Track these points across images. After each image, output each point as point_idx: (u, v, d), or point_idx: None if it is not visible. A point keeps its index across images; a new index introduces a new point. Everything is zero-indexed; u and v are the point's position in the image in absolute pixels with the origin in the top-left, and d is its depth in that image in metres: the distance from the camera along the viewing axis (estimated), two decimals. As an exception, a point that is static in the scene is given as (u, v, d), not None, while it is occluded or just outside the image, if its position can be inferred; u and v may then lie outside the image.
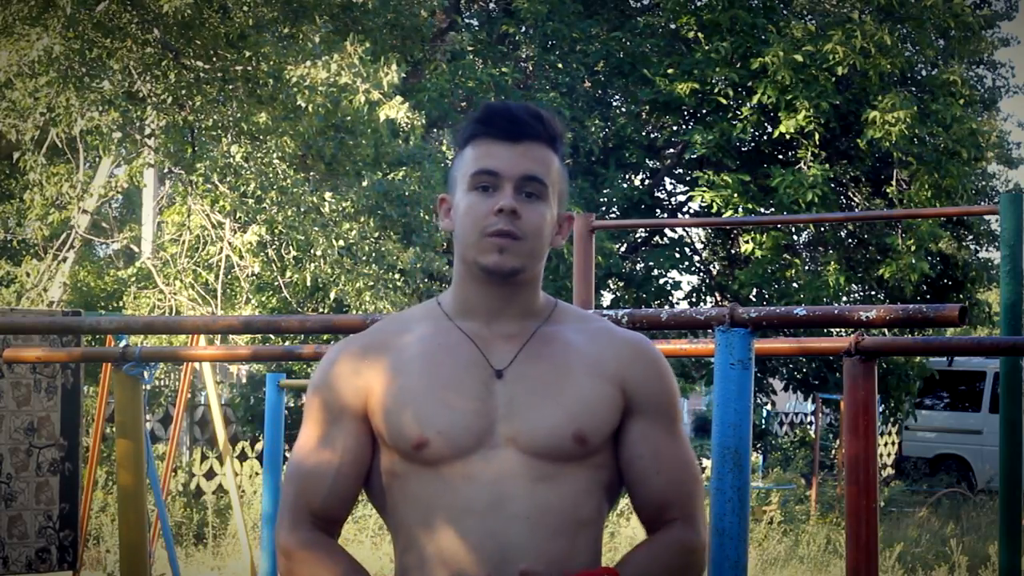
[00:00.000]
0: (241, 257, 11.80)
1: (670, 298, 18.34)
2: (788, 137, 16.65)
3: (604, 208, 17.51)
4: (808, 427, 22.48)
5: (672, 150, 18.89)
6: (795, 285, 17.23)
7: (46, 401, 6.72)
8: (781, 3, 17.78)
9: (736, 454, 2.88)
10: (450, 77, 15.78)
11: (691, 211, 19.09)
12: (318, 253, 11.46)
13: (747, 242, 16.98)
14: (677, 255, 18.50)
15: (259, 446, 12.18)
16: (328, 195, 11.68)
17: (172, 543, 7.48)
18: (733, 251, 18.77)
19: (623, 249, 18.20)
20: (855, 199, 18.55)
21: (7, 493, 6.57)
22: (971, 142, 16.85)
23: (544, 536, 2.16)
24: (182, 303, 11.72)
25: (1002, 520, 4.94)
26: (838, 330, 13.10)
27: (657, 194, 19.45)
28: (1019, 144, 52.94)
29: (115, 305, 12.80)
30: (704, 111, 17.62)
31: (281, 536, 2.25)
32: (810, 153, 16.63)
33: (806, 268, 17.86)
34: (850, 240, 18.58)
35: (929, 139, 16.96)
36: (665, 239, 18.81)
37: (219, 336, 9.63)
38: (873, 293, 18.15)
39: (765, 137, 17.83)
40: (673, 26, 17.70)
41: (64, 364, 6.63)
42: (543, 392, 2.21)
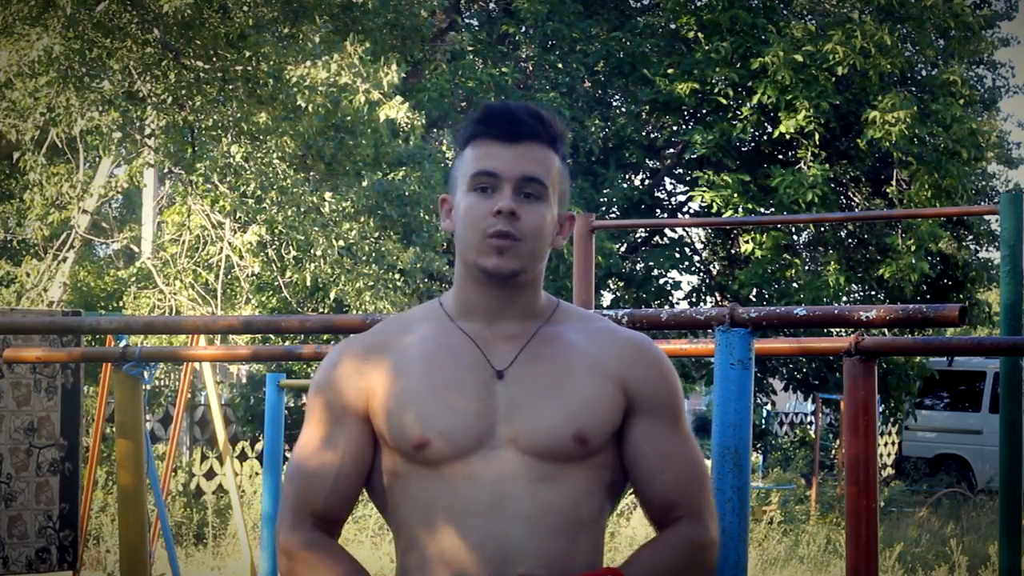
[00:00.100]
0: (241, 257, 11.80)
1: (670, 298, 18.33)
2: (788, 137, 16.65)
3: (604, 208, 17.50)
4: (808, 427, 22.47)
5: (672, 150, 18.88)
6: (795, 285, 17.23)
7: (46, 401, 6.72)
8: (781, 3, 17.78)
9: (736, 454, 2.88)
10: (450, 77, 15.78)
11: (691, 211, 19.09)
12: (318, 253, 11.46)
13: (747, 242, 16.98)
14: (677, 255, 18.50)
15: (259, 446, 12.18)
16: (328, 195, 11.68)
17: (172, 543, 7.48)
18: (733, 251, 18.77)
19: (623, 249, 18.20)
20: (855, 199, 18.55)
21: (7, 493, 6.57)
22: (971, 142, 16.85)
23: (545, 536, 2.16)
24: (182, 303, 11.72)
25: (1002, 520, 4.94)
26: (838, 330, 13.10)
27: (657, 194, 19.45)
28: (1019, 144, 52.94)
29: (115, 305, 12.79)
30: (704, 111, 17.62)
31: (282, 536, 2.25)
32: (810, 153, 16.63)
33: (806, 268, 17.86)
34: (850, 240, 18.58)
35: (929, 139, 16.95)
36: (665, 239, 18.81)
37: (219, 336, 9.63)
38: (873, 293, 18.15)
39: (765, 137, 17.83)
40: (673, 26, 17.70)
41: (64, 364, 6.63)
42: (543, 392, 2.20)
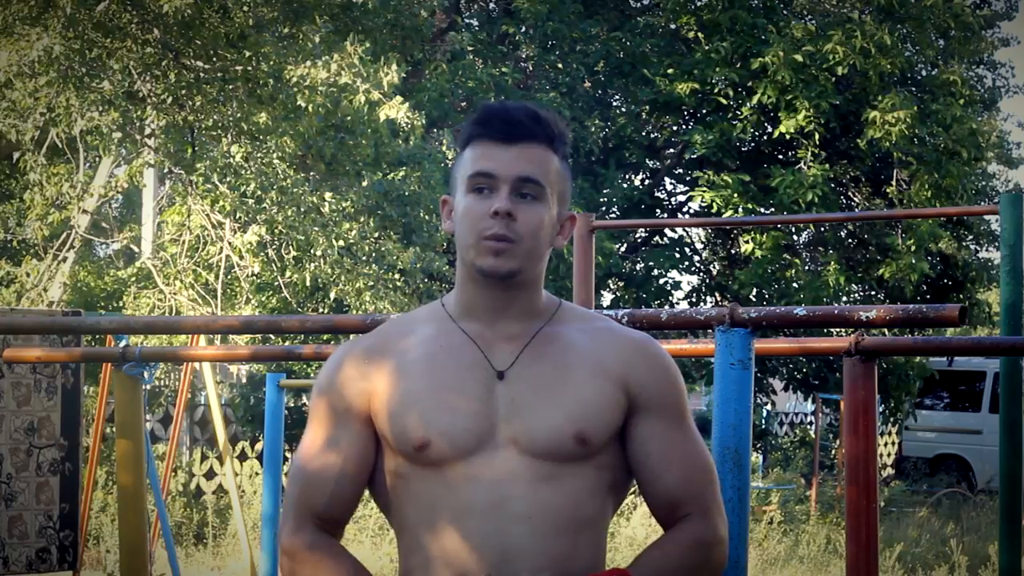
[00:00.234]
0: (241, 257, 11.80)
1: (670, 298, 18.33)
2: (788, 137, 16.64)
3: (604, 208, 17.50)
4: (808, 427, 22.47)
5: (672, 150, 18.88)
6: (795, 285, 17.22)
7: (46, 401, 6.72)
8: (781, 3, 17.78)
9: (736, 454, 2.88)
10: (450, 77, 15.78)
11: (691, 211, 19.09)
12: (318, 253, 11.46)
13: (747, 242, 16.98)
14: (677, 255, 18.50)
15: (259, 446, 12.18)
16: (328, 195, 11.69)
17: (172, 543, 7.48)
18: (733, 251, 18.77)
19: (623, 249, 18.20)
20: (855, 199, 18.55)
21: (7, 493, 6.57)
22: (971, 142, 16.85)
23: (546, 536, 2.16)
24: (182, 303, 11.71)
25: (1002, 520, 4.94)
26: (838, 330, 13.09)
27: (657, 194, 19.44)
28: (1019, 144, 52.95)
29: (115, 305, 12.79)
30: (704, 111, 17.61)
31: (285, 537, 2.25)
32: (810, 153, 16.62)
33: (806, 268, 17.86)
34: (850, 240, 18.57)
35: (929, 139, 16.95)
36: (665, 239, 18.81)
37: (219, 336, 9.63)
38: (873, 293, 18.15)
39: (765, 137, 17.82)
40: (673, 26, 17.70)
41: (64, 364, 6.62)
42: (544, 393, 2.20)
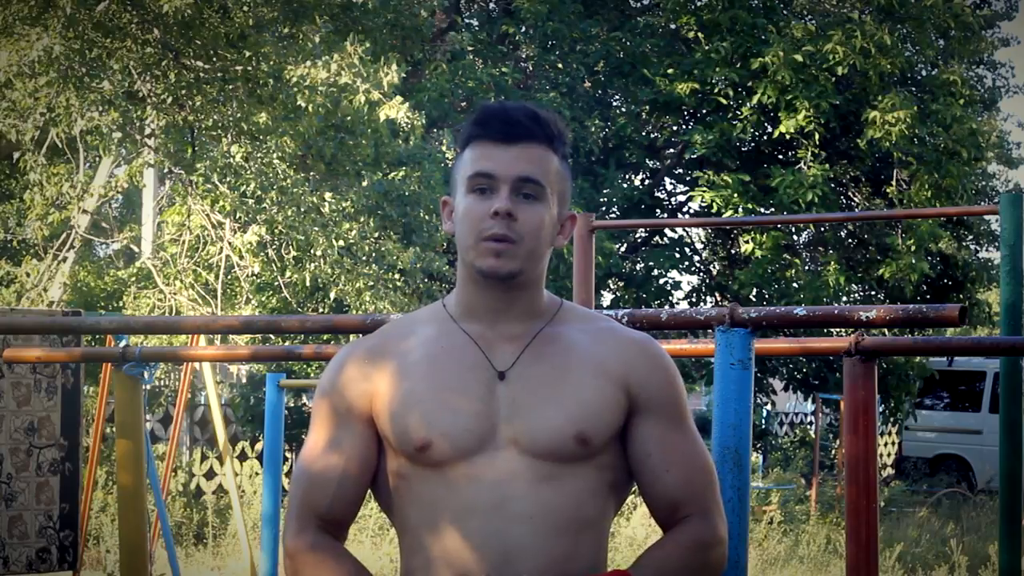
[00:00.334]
0: (241, 257, 11.80)
1: (670, 298, 18.33)
2: (788, 137, 16.64)
3: (604, 208, 17.50)
4: (808, 427, 22.47)
5: (672, 150, 18.88)
6: (795, 285, 17.23)
7: (46, 401, 6.72)
8: (781, 3, 17.78)
9: (736, 454, 2.88)
10: (450, 77, 15.78)
11: (691, 211, 19.09)
12: (318, 253, 11.46)
13: (747, 242, 16.98)
14: (677, 255, 18.50)
15: (259, 446, 12.18)
16: (328, 195, 11.68)
17: (172, 543, 7.48)
18: (733, 251, 18.77)
19: (623, 249, 18.20)
20: (855, 199, 18.55)
21: (7, 493, 6.56)
22: (971, 142, 16.85)
23: (547, 536, 2.16)
24: (182, 303, 11.71)
25: (1002, 520, 4.93)
26: (838, 330, 13.09)
27: (657, 194, 19.44)
28: (1019, 144, 52.96)
29: (115, 305, 12.79)
30: (704, 111, 17.61)
31: (288, 539, 2.25)
32: (810, 153, 16.62)
33: (806, 268, 17.86)
34: (850, 240, 18.57)
35: (929, 139, 16.95)
36: (665, 239, 18.81)
37: (219, 336, 9.63)
38: (873, 293, 18.15)
39: (765, 137, 17.83)
40: (673, 26, 17.70)
41: (64, 364, 6.62)
42: (545, 393, 2.20)
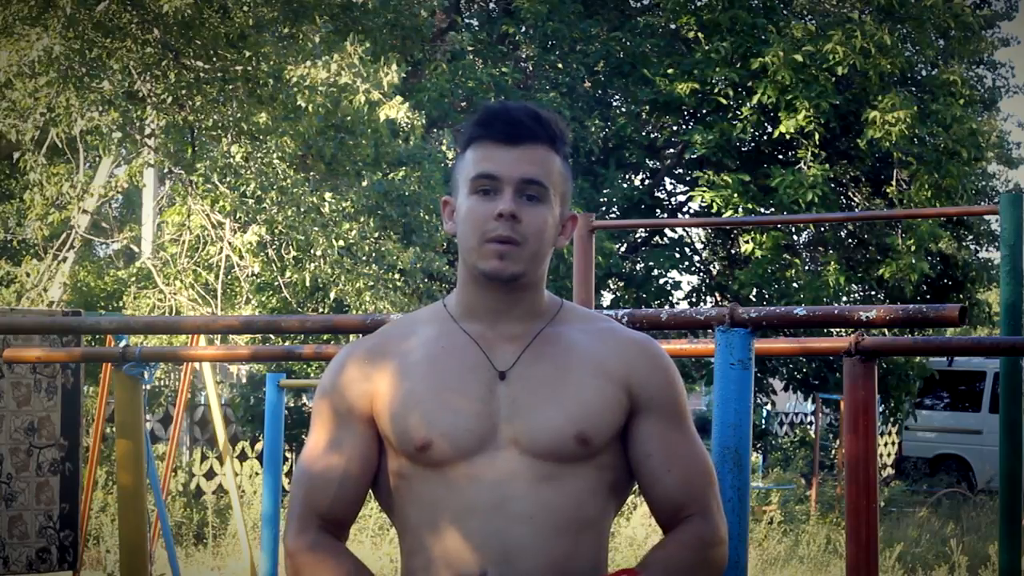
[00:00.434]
0: (241, 257, 11.80)
1: (670, 298, 18.33)
2: (788, 137, 16.64)
3: (604, 208, 17.50)
4: (808, 427, 22.47)
5: (672, 150, 18.88)
6: (795, 285, 17.23)
7: (46, 401, 6.72)
8: (781, 3, 17.78)
9: (736, 454, 2.88)
10: (450, 77, 15.78)
11: (691, 211, 19.09)
12: (318, 253, 11.46)
13: (747, 242, 16.98)
14: (677, 255, 18.50)
15: (259, 446, 12.18)
16: (328, 195, 11.68)
17: (172, 543, 7.48)
18: (733, 251, 18.77)
19: (623, 249, 18.20)
20: (855, 199, 18.55)
21: (7, 493, 6.56)
22: (971, 142, 16.85)
23: (547, 536, 2.16)
24: (182, 303, 11.71)
25: (1002, 520, 4.93)
26: (838, 330, 13.09)
27: (657, 194, 19.45)
28: (1019, 144, 52.96)
29: (115, 305, 12.79)
30: (704, 111, 17.61)
31: (288, 539, 2.25)
32: (810, 153, 16.62)
33: (806, 268, 17.86)
34: (850, 240, 18.57)
35: (929, 139, 16.96)
36: (665, 239, 18.81)
37: (219, 336, 9.63)
38: (873, 293, 18.15)
39: (765, 137, 17.83)
40: (673, 26, 17.70)
41: (64, 364, 6.62)
42: (545, 393, 2.20)
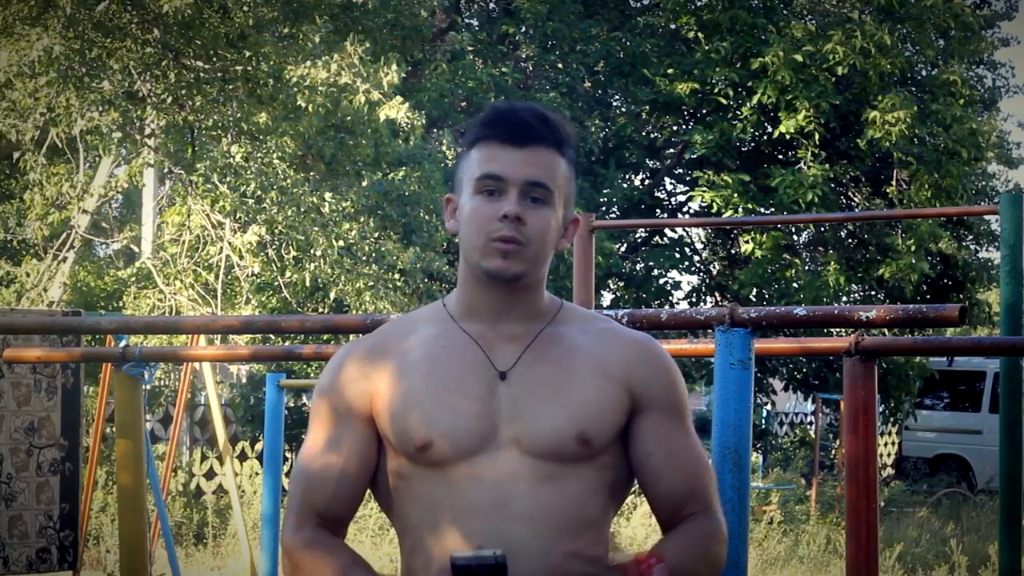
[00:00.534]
0: (241, 257, 11.80)
1: (670, 298, 18.33)
2: (788, 137, 16.64)
3: (604, 208, 17.50)
4: (808, 427, 22.47)
5: (672, 150, 18.88)
6: (795, 285, 17.23)
7: (46, 401, 6.72)
8: (781, 3, 17.78)
9: (736, 454, 2.88)
10: (450, 77, 15.78)
11: (691, 211, 19.09)
12: (318, 253, 11.46)
13: (747, 242, 16.98)
14: (677, 255, 18.50)
15: (259, 446, 12.18)
16: (328, 195, 11.69)
17: (172, 543, 7.48)
18: (733, 251, 18.77)
19: (623, 249, 18.20)
20: (855, 199, 18.55)
21: (7, 493, 6.57)
22: (971, 142, 16.85)
23: (548, 536, 2.16)
24: (182, 303, 11.71)
25: (1002, 520, 4.93)
26: (838, 330, 13.09)
27: (657, 194, 19.45)
28: (1019, 144, 52.98)
29: (115, 305, 12.78)
30: (704, 111, 17.62)
31: (286, 536, 2.26)
32: (810, 153, 16.62)
33: (806, 268, 17.86)
34: (850, 240, 18.58)
35: (929, 139, 16.96)
36: (665, 239, 18.81)
37: (219, 336, 9.63)
38: (873, 293, 18.15)
39: (765, 137, 17.83)
40: (673, 26, 17.70)
41: (64, 364, 6.62)
42: (546, 394, 2.20)
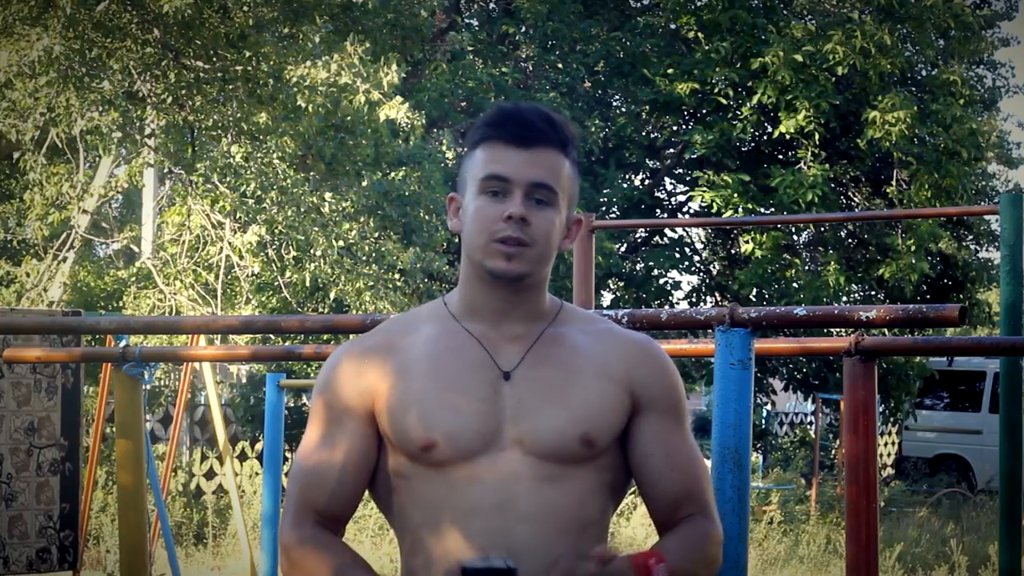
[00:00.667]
0: (241, 257, 11.80)
1: (670, 298, 18.34)
2: (788, 137, 16.65)
3: (604, 208, 17.51)
4: (808, 427, 22.47)
5: (672, 150, 18.89)
6: (795, 285, 17.23)
7: (46, 401, 6.72)
8: (781, 3, 17.78)
9: (736, 454, 2.88)
10: (450, 77, 15.78)
11: (691, 211, 19.09)
12: (318, 253, 11.46)
13: (747, 242, 16.98)
14: (677, 255, 18.50)
15: (259, 446, 12.18)
16: (328, 195, 11.69)
17: (172, 543, 7.48)
18: (733, 251, 18.77)
19: (623, 249, 18.20)
20: (855, 199, 18.55)
21: (7, 493, 6.57)
22: (971, 142, 16.86)
23: (550, 536, 2.16)
24: (182, 303, 11.71)
25: (1002, 520, 4.94)
26: (838, 330, 13.10)
27: (657, 194, 19.45)
28: (1019, 144, 52.99)
29: (115, 305, 12.78)
30: (704, 111, 17.62)
31: (284, 533, 2.25)
32: (810, 153, 16.63)
33: (806, 268, 17.86)
34: (850, 240, 18.58)
35: (929, 139, 16.96)
36: (665, 239, 18.81)
37: (219, 336, 9.63)
38: (873, 293, 18.15)
39: (765, 137, 17.83)
40: (673, 26, 17.70)
41: (64, 364, 6.62)
42: (550, 395, 2.20)
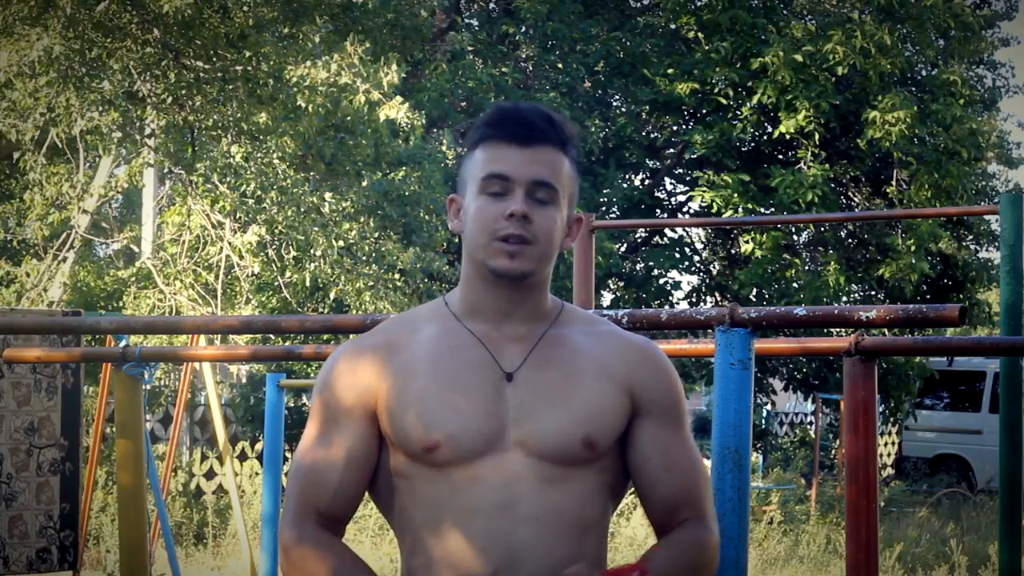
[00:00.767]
0: (241, 257, 11.80)
1: (670, 298, 18.34)
2: (788, 137, 16.65)
3: (604, 208, 17.51)
4: (808, 427, 22.47)
5: (672, 150, 18.89)
6: (795, 285, 17.23)
7: (46, 401, 6.72)
8: (781, 3, 17.78)
9: (736, 454, 2.88)
10: (450, 77, 15.78)
11: (691, 211, 19.09)
12: (318, 253, 11.46)
13: (747, 242, 16.98)
14: (677, 255, 18.50)
15: (259, 446, 12.18)
16: (328, 195, 11.69)
17: (172, 543, 7.48)
18: (733, 251, 18.77)
19: (623, 249, 18.20)
20: (855, 199, 18.55)
21: (7, 493, 6.56)
22: (971, 142, 16.86)
23: (552, 537, 2.16)
24: (182, 303, 11.71)
25: (1002, 520, 4.94)
26: (838, 330, 13.10)
27: (657, 194, 19.45)
28: (1019, 144, 52.98)
29: (115, 305, 12.78)
30: (704, 111, 17.62)
31: (284, 533, 2.25)
32: (810, 153, 16.63)
33: (806, 268, 17.86)
34: (850, 240, 18.58)
35: (929, 139, 16.96)
36: (665, 239, 18.81)
37: (219, 336, 9.63)
38: (873, 293, 18.15)
39: (765, 137, 17.83)
40: (673, 26, 17.70)
41: (64, 364, 6.62)
42: (553, 396, 2.20)
